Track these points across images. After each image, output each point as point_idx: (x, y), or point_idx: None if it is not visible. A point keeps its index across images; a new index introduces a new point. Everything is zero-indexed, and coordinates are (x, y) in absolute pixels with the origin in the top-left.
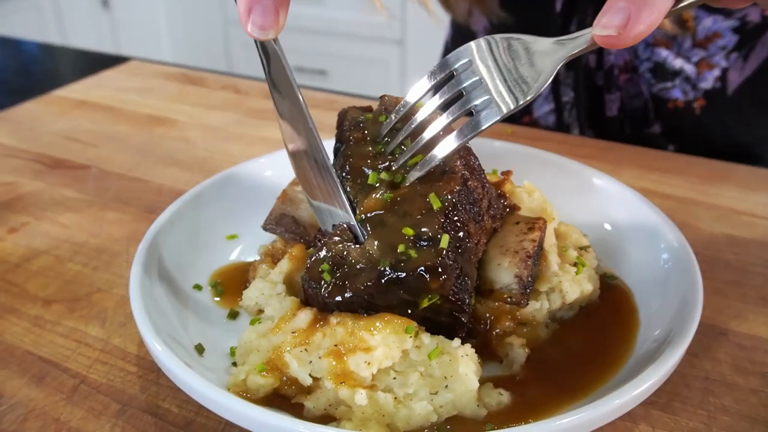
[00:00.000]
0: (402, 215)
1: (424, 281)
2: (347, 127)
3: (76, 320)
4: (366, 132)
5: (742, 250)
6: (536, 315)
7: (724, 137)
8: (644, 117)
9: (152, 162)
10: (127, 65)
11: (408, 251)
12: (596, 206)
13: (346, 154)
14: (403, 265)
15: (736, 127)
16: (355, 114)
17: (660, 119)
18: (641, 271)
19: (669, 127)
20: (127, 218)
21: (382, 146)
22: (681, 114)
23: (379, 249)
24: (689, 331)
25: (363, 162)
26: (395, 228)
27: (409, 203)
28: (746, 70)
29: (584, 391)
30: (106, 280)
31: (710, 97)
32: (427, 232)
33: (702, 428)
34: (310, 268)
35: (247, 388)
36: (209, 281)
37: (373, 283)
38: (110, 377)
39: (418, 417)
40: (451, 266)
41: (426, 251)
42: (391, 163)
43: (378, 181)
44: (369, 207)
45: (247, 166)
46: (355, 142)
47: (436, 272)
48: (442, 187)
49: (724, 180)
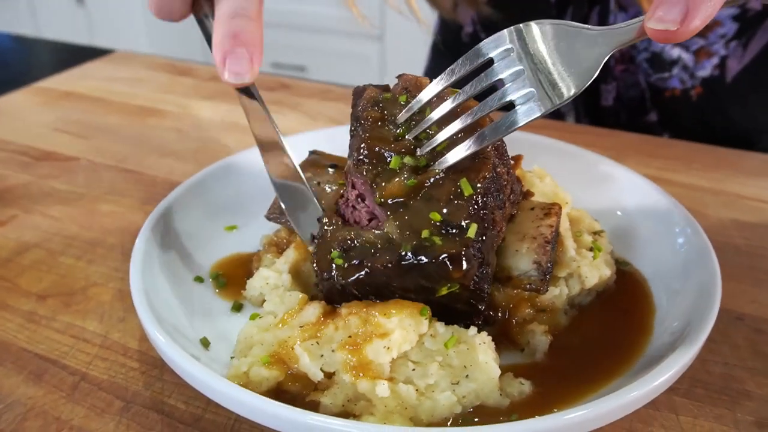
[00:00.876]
0: (428, 200)
1: (446, 270)
2: (364, 106)
3: (72, 315)
4: (385, 112)
5: (752, 234)
6: (555, 301)
7: (722, 124)
8: (641, 106)
9: (145, 153)
10: (112, 56)
11: (432, 237)
12: (605, 193)
13: (363, 135)
14: (426, 250)
15: (735, 114)
16: (372, 93)
17: (656, 108)
18: (654, 258)
19: (665, 116)
20: (120, 210)
21: (403, 129)
22: (678, 102)
23: (400, 232)
24: (710, 318)
25: (382, 144)
26: (420, 212)
27: (437, 188)
28: (746, 57)
29: (606, 378)
30: (102, 273)
31: (708, 85)
32: (455, 219)
33: (726, 414)
34: (318, 261)
35: (249, 380)
36: (210, 273)
37: (393, 265)
38: (111, 373)
39: (443, 408)
40: (475, 257)
41: (451, 239)
42: (414, 147)
43: (401, 165)
44: (391, 192)
45: (245, 156)
46: (373, 122)
47: (460, 262)
48: (473, 174)
49: (728, 166)
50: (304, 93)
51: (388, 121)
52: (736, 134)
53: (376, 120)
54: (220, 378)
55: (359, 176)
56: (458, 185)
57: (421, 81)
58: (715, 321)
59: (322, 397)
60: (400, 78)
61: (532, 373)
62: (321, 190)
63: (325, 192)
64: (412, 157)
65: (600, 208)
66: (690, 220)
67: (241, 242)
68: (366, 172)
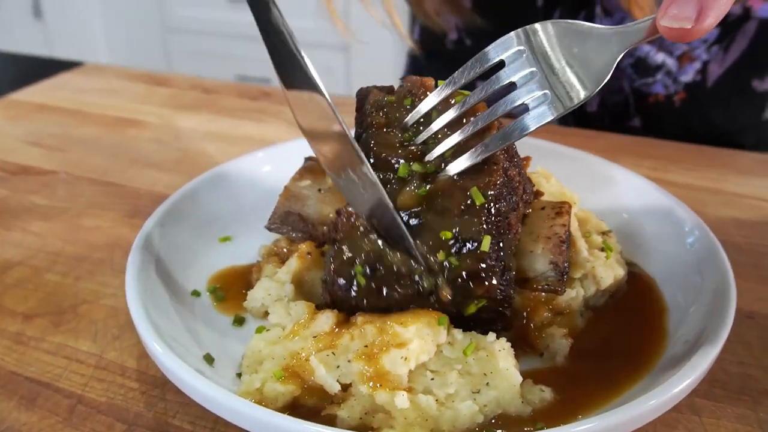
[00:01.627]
0: (440, 212)
1: (469, 289)
2: (369, 111)
3: (63, 335)
4: (389, 117)
5: (751, 232)
6: (572, 303)
7: (703, 128)
8: (624, 111)
9: (126, 165)
10: (83, 68)
11: (449, 258)
12: (607, 194)
13: (369, 142)
14: (446, 274)
15: (717, 117)
16: (377, 96)
17: (640, 113)
18: (662, 258)
19: (649, 121)
20: (106, 224)
21: (410, 134)
22: (661, 108)
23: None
24: (727, 319)
25: (389, 151)
26: (434, 229)
27: (447, 198)
28: (727, 61)
29: (628, 382)
30: (91, 290)
31: (690, 90)
32: (468, 232)
33: (749, 414)
34: (338, 268)
35: (263, 396)
36: (207, 286)
37: (413, 293)
38: (110, 395)
39: (464, 418)
40: (494, 267)
41: (467, 256)
42: (421, 152)
43: (409, 173)
44: (404, 203)
45: (234, 165)
46: (378, 128)
47: (480, 278)
48: (483, 181)
49: (721, 165)
50: (285, 101)
51: (393, 126)
52: (718, 136)
53: (381, 125)
54: (235, 396)
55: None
56: (469, 194)
57: (426, 83)
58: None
59: (339, 410)
60: (404, 80)
61: (552, 378)
62: (322, 197)
63: (328, 201)
64: (420, 164)
65: (603, 210)
66: (696, 220)
67: (237, 254)
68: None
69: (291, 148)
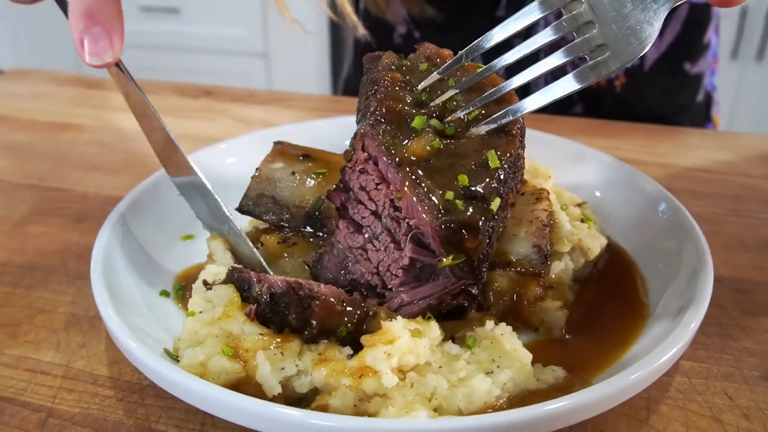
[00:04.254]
0: (451, 164)
1: (461, 238)
2: (384, 67)
3: (21, 347)
4: (407, 77)
5: (707, 202)
6: (563, 276)
7: (643, 111)
8: (567, 98)
9: (66, 169)
10: (6, 74)
11: (455, 201)
12: (574, 172)
13: (380, 96)
14: (448, 213)
15: (654, 100)
16: (392, 57)
17: (582, 100)
18: (632, 229)
19: (591, 107)
20: (53, 230)
21: (425, 96)
22: (603, 93)
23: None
24: (708, 285)
25: (402, 105)
26: (444, 173)
27: (462, 156)
28: (662, 45)
29: (623, 348)
30: (47, 299)
31: (630, 75)
32: (482, 188)
33: (734, 372)
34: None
35: (206, 371)
36: (173, 286)
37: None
38: (83, 405)
39: (480, 392)
40: (489, 230)
41: (474, 206)
42: (439, 114)
43: (425, 126)
44: (414, 151)
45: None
46: (392, 82)
47: (476, 232)
48: (500, 148)
49: (664, 140)
50: (228, 98)
51: (408, 88)
52: (655, 120)
53: (396, 81)
54: (219, 388)
55: (374, 138)
56: (485, 156)
57: (442, 52)
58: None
59: (330, 399)
60: (419, 47)
61: (551, 351)
62: (297, 180)
63: (303, 184)
64: (437, 121)
65: (571, 187)
66: (663, 191)
67: (201, 251)
68: (383, 133)
69: (249, 141)
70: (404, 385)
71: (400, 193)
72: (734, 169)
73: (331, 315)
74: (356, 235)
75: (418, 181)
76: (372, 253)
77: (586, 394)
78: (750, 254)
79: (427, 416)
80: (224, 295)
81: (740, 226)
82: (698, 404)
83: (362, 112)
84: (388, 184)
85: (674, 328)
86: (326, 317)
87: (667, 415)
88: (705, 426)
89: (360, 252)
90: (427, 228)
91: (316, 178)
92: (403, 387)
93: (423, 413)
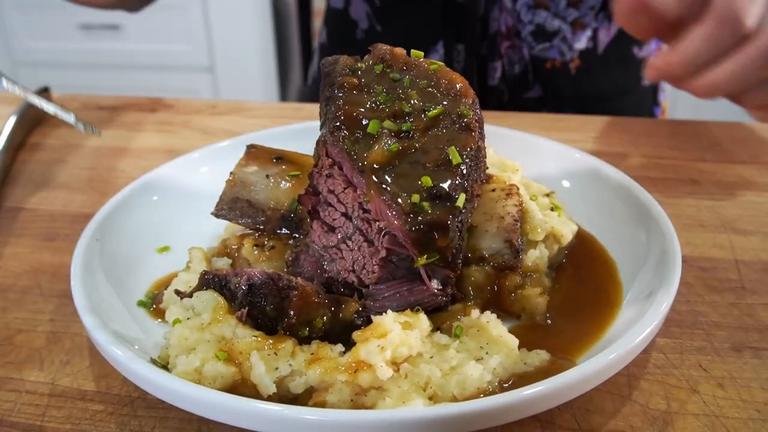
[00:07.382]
0: (413, 165)
1: (432, 238)
2: (341, 72)
3: (3, 369)
4: (363, 80)
5: (664, 187)
6: (539, 264)
7: (593, 93)
8: (524, 81)
9: (29, 189)
10: None
11: (422, 203)
12: (537, 166)
13: (339, 102)
14: (417, 217)
15: (604, 82)
16: (347, 62)
17: (539, 82)
18: (597, 217)
19: (547, 90)
20: (23, 251)
21: (382, 97)
22: (558, 75)
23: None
24: (676, 266)
25: (359, 110)
26: (410, 176)
27: (423, 155)
28: (612, 28)
29: (601, 329)
30: (24, 319)
31: (584, 57)
32: (446, 187)
33: (706, 346)
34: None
35: (201, 376)
36: (147, 294)
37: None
38: (74, 421)
39: (473, 379)
40: (458, 225)
41: (440, 206)
42: (393, 114)
43: (379, 130)
44: (374, 160)
45: (158, 174)
46: (350, 88)
47: (446, 231)
48: (460, 143)
49: (621, 132)
50: (189, 110)
51: (365, 91)
52: (603, 101)
53: (353, 87)
54: (214, 391)
55: (336, 144)
56: (446, 153)
57: (396, 52)
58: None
59: (328, 395)
60: (373, 48)
61: (538, 336)
62: (271, 182)
63: (278, 187)
64: (391, 122)
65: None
66: (626, 179)
67: (177, 263)
68: (343, 139)
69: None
70: (399, 377)
71: (367, 196)
72: (688, 155)
73: (308, 305)
74: (330, 235)
75: (384, 185)
76: (346, 252)
77: (572, 374)
78: (710, 234)
79: (423, 405)
80: (208, 301)
81: (698, 208)
82: (676, 378)
83: (323, 118)
84: (355, 187)
85: (648, 307)
86: (303, 307)
87: (648, 389)
88: (684, 397)
89: (335, 251)
90: (398, 232)
91: (290, 180)
92: (398, 378)
93: (419, 402)
